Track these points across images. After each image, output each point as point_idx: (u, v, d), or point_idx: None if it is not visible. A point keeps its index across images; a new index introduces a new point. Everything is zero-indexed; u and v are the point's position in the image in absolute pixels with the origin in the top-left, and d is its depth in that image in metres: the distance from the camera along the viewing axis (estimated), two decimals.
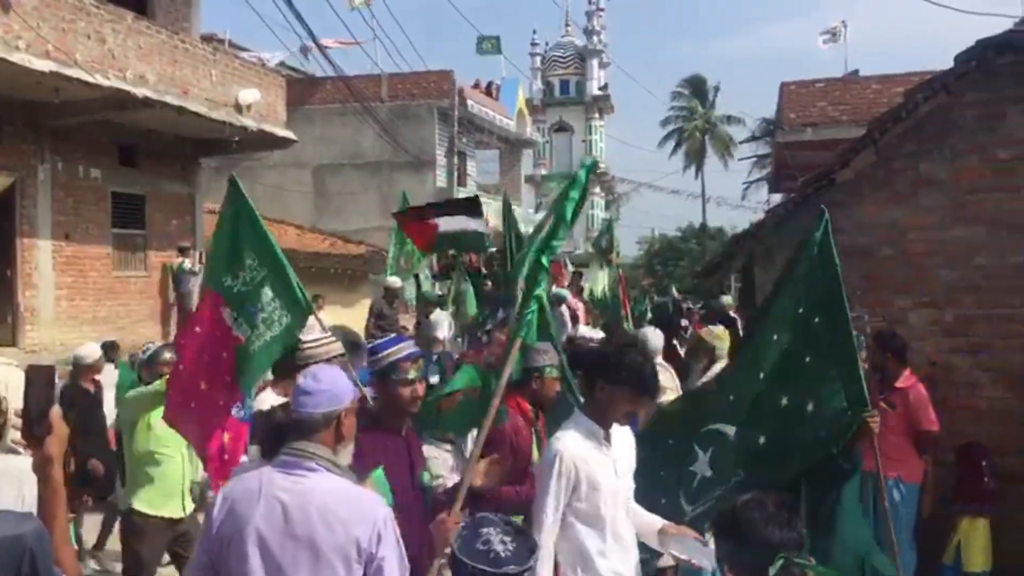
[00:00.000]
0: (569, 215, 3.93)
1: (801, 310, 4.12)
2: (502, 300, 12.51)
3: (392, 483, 3.45)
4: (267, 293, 4.35)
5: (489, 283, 13.16)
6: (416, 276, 11.74)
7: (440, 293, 12.26)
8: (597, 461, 3.66)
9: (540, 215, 29.92)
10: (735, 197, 57.36)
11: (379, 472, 4.67)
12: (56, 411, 2.74)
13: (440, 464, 4.70)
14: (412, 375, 3.62)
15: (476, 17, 34.76)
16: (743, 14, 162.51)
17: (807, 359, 4.03)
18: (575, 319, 12.93)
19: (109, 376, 9.03)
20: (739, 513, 2.58)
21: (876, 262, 7.25)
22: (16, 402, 2.86)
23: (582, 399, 5.26)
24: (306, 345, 4.46)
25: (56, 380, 2.87)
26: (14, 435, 2.86)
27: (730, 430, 4.22)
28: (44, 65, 11.43)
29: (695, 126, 52.97)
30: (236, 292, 4.36)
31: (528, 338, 4.04)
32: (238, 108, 15.55)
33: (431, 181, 25.44)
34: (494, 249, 16.29)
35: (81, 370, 8.16)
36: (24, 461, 2.83)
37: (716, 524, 2.70)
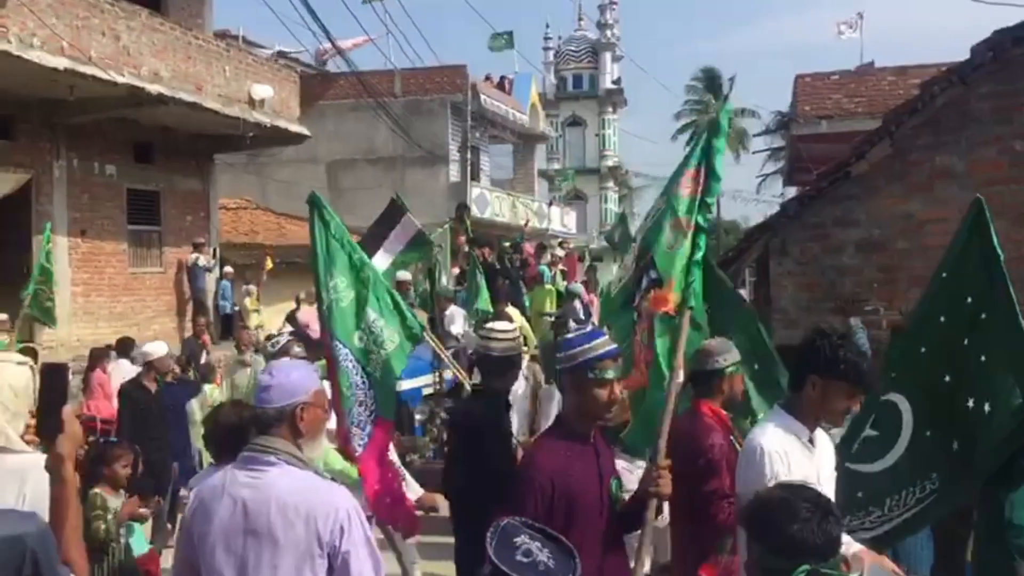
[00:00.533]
0: (719, 167, 3.75)
1: (970, 300, 3.86)
2: (516, 293, 12.53)
3: (580, 494, 3.22)
4: (369, 313, 4.41)
5: (504, 280, 13.19)
6: (431, 271, 11.73)
7: (456, 289, 12.27)
8: (799, 463, 3.25)
9: (553, 210, 29.67)
10: (749, 190, 57.05)
11: None
12: (68, 409, 2.66)
13: (632, 480, 4.45)
14: (611, 374, 3.27)
15: (488, 11, 34.66)
16: (757, 6, 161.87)
17: (982, 358, 3.77)
18: (588, 314, 12.94)
19: (124, 371, 9.10)
20: (767, 513, 2.38)
21: (892, 255, 7.21)
22: (20, 402, 2.88)
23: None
24: (496, 335, 4.48)
25: (69, 378, 2.84)
26: (12, 435, 2.87)
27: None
28: (59, 62, 11.49)
29: (709, 119, 52.77)
30: (327, 310, 4.43)
31: (697, 307, 3.71)
32: (251, 103, 15.59)
33: (444, 176, 25.45)
34: (507, 244, 16.31)
35: (146, 367, 8.05)
36: (28, 458, 2.81)
37: (743, 519, 2.51)
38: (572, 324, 12.05)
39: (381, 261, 11.08)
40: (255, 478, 2.78)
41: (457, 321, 10.94)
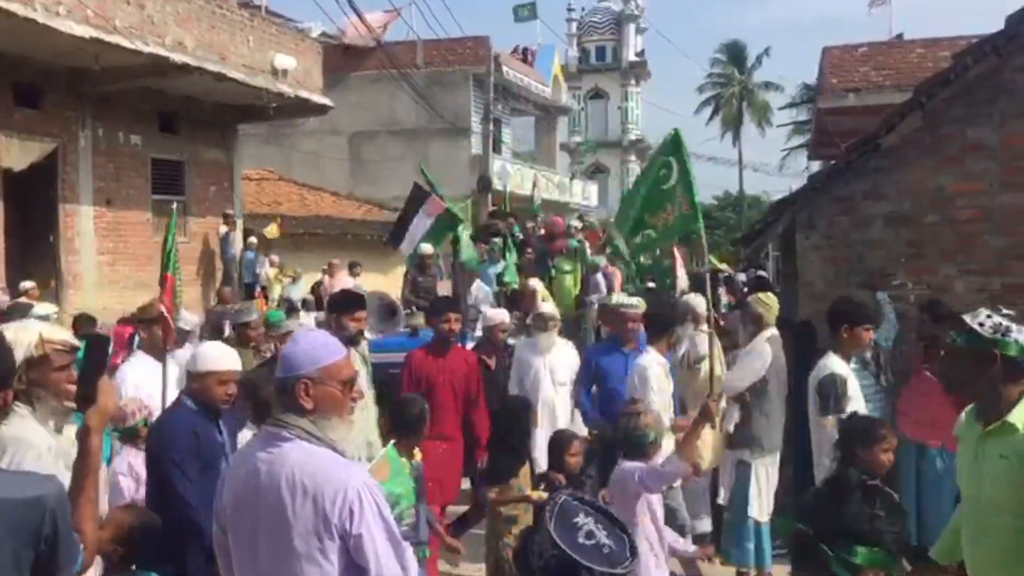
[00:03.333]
0: None
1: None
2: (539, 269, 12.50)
3: None
4: None
5: (530, 251, 13.16)
6: (455, 243, 11.70)
7: (482, 260, 12.26)
8: None
9: (576, 182, 29.82)
10: (772, 164, 56.66)
11: (390, 449, 4.61)
12: (105, 380, 2.64)
13: None
14: None
15: None
16: None
17: None
18: (611, 287, 12.92)
19: None
20: (827, 505, 2.26)
21: (922, 229, 7.14)
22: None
23: None
24: None
25: (109, 350, 2.81)
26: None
27: None
28: (84, 31, 11.50)
29: (732, 92, 52.34)
30: None
31: None
32: (274, 73, 15.57)
33: (466, 148, 25.38)
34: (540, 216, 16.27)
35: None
36: (11, 429, 2.81)
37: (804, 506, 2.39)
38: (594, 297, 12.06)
39: (407, 247, 11.03)
40: (269, 454, 2.70)
41: (484, 309, 10.85)
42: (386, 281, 17.10)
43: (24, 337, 2.91)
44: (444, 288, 13.25)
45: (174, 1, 13.37)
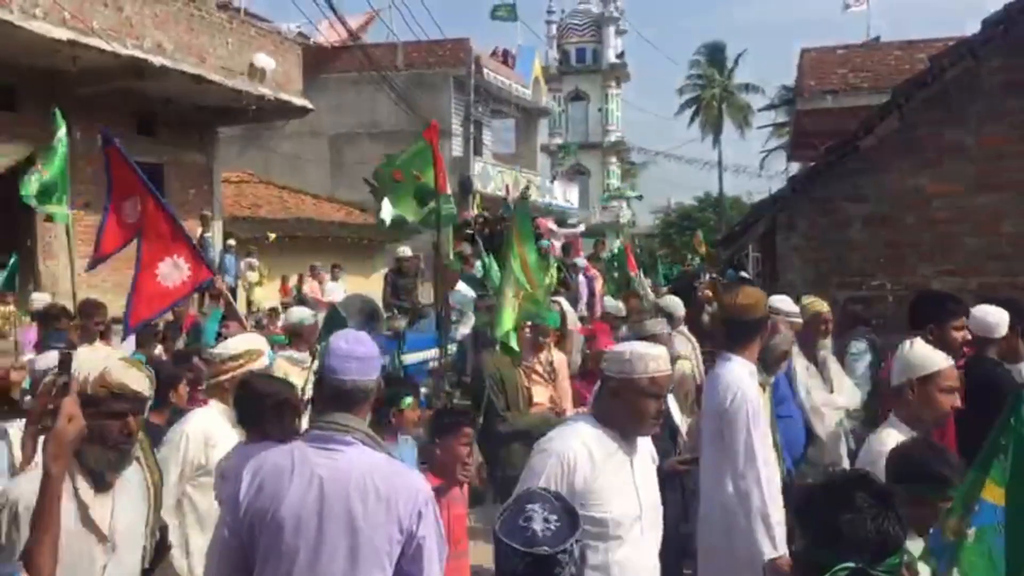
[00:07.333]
0: None
1: None
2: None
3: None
4: None
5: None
6: (435, 246, 11.68)
7: (462, 266, 12.25)
8: None
9: (556, 184, 29.76)
10: (752, 166, 56.93)
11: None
12: (68, 402, 2.29)
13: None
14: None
15: None
16: None
17: None
18: (592, 290, 12.96)
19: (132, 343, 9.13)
20: (817, 499, 2.10)
21: (900, 230, 7.20)
22: None
23: None
24: None
25: (73, 367, 2.39)
26: None
27: None
28: (61, 33, 11.43)
29: (712, 94, 52.56)
30: None
31: None
32: (253, 75, 15.50)
33: (447, 150, 25.29)
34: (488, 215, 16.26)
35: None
36: None
37: (795, 506, 2.26)
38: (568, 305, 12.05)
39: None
40: (331, 458, 2.62)
41: (467, 320, 10.77)
42: (367, 284, 17.07)
43: None
44: (426, 290, 13.23)
45: (152, 3, 13.30)
